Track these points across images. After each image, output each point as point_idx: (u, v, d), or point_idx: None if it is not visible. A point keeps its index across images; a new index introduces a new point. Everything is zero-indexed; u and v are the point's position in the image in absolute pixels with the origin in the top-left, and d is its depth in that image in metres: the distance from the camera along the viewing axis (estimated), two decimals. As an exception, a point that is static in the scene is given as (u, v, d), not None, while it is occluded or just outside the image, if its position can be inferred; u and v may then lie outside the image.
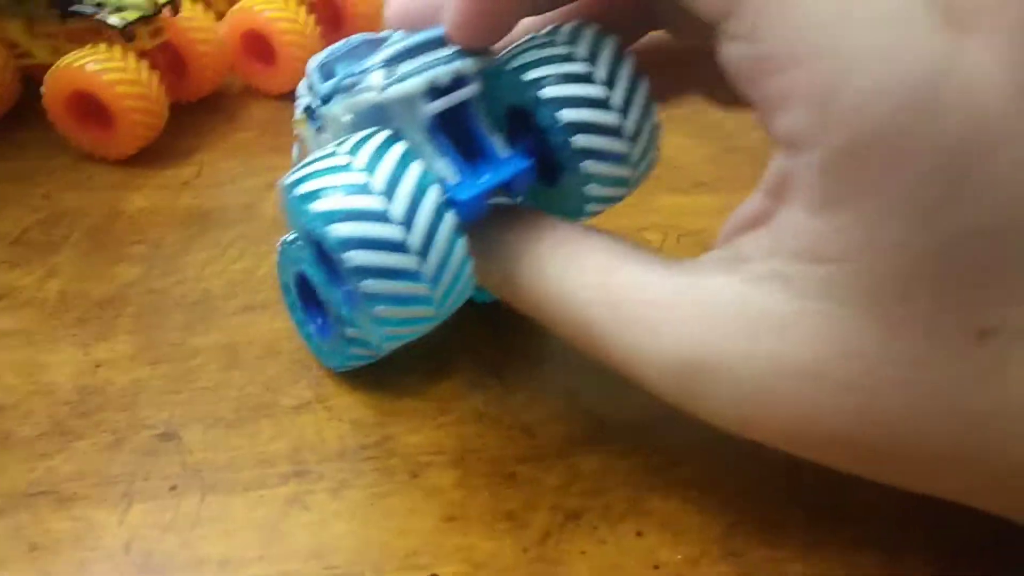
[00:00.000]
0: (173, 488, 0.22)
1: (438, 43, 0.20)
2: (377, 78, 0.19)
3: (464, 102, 0.20)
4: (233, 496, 0.22)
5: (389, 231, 0.18)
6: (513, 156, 0.20)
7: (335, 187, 0.18)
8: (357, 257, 0.18)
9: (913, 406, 0.16)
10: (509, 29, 0.20)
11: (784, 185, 0.17)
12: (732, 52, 0.17)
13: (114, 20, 0.34)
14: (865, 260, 0.16)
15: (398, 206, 0.18)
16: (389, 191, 0.18)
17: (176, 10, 0.37)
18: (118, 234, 0.31)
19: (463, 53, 0.19)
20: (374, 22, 0.44)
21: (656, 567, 0.20)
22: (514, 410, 0.24)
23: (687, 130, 0.37)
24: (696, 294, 0.17)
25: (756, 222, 0.17)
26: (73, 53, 0.34)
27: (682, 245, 0.31)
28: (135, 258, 0.30)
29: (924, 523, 0.21)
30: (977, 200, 0.15)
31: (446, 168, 0.20)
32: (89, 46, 0.34)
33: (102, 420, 0.24)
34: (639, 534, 0.21)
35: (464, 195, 0.19)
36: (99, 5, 0.34)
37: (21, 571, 0.20)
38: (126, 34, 0.34)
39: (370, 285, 0.18)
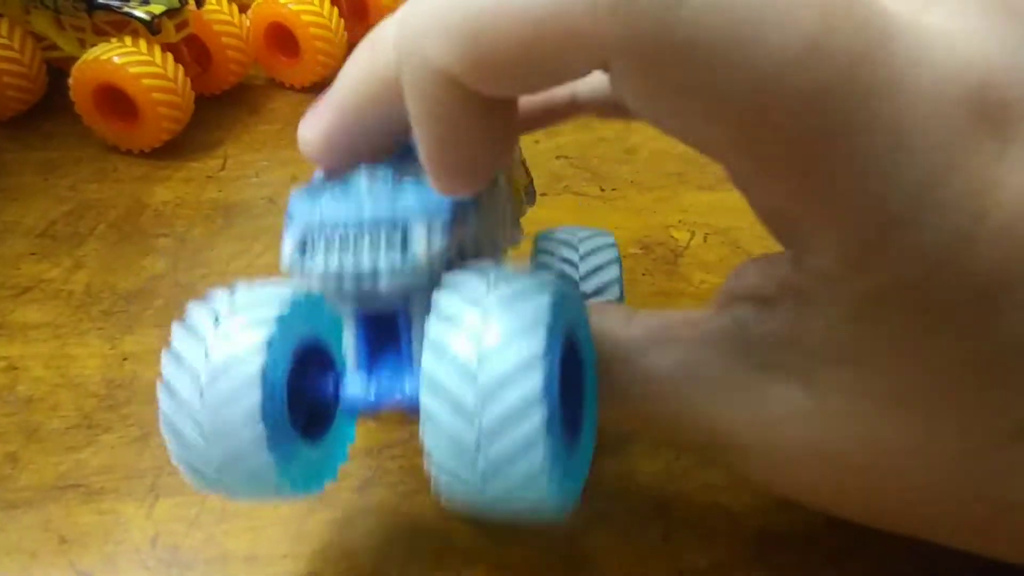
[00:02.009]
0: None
1: (388, 224, 0.16)
2: (287, 248, 0.16)
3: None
4: (259, 492, 0.22)
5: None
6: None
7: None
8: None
9: (943, 494, 0.16)
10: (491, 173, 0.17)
11: (798, 292, 0.16)
12: (769, 210, 0.15)
13: (140, 13, 0.34)
14: (897, 368, 0.15)
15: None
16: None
17: (201, 3, 0.37)
18: (144, 226, 0.31)
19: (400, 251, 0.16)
20: (398, 15, 0.44)
21: (681, 572, 0.20)
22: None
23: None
24: (709, 382, 0.17)
25: (760, 299, 0.16)
26: (100, 46, 0.34)
27: (709, 244, 0.31)
28: (161, 251, 0.30)
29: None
30: (1015, 317, 0.14)
31: (351, 355, 0.17)
32: (115, 39, 0.35)
33: (129, 414, 0.24)
34: (665, 538, 0.21)
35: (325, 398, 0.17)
36: (125, -2, 0.35)
37: (51, 563, 0.20)
38: (152, 27, 0.34)
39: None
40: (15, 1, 0.36)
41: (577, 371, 0.16)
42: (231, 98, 0.40)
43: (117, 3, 0.35)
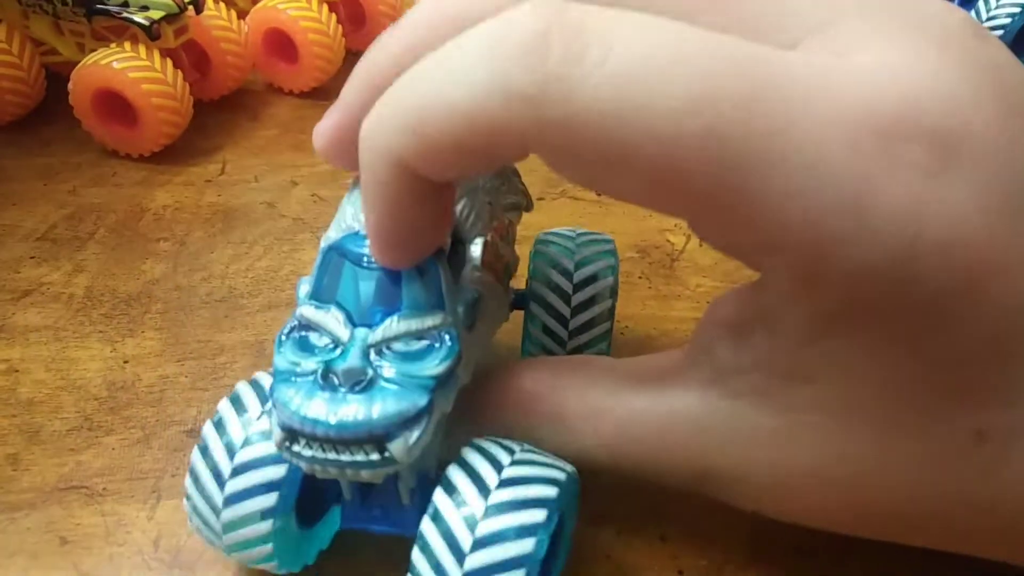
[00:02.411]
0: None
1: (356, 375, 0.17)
2: (276, 435, 0.17)
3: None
4: (260, 494, 0.22)
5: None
6: (412, 512, 0.18)
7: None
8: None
9: (921, 500, 0.17)
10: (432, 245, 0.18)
11: (766, 316, 0.16)
12: (720, 246, 0.17)
13: (139, 19, 0.34)
14: (854, 382, 0.16)
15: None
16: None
17: (200, 9, 0.37)
18: (143, 231, 0.32)
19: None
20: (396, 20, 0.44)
21: (680, 572, 0.20)
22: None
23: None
24: (688, 414, 0.18)
25: (736, 327, 0.17)
26: (99, 51, 0.34)
27: (705, 248, 0.31)
28: (161, 255, 0.30)
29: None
30: (962, 330, 0.15)
31: (346, 489, 0.19)
32: (114, 44, 0.35)
33: (131, 416, 0.24)
34: (663, 538, 0.21)
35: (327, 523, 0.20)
36: (124, 4, 0.35)
37: (53, 564, 0.20)
38: (151, 32, 0.34)
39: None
40: (14, 6, 0.36)
41: (554, 540, 0.18)
42: (230, 103, 0.40)
43: (116, 8, 0.35)
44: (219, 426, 0.18)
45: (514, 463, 0.17)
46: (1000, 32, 0.43)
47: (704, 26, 0.15)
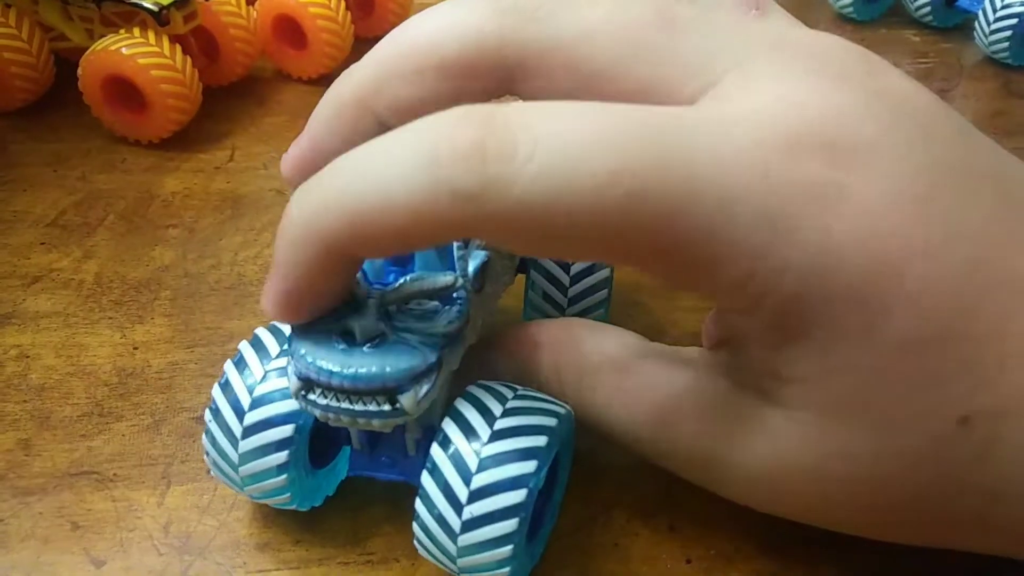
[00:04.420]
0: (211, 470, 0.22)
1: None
2: (293, 383, 0.18)
3: None
4: (270, 480, 0.22)
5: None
6: (418, 461, 0.19)
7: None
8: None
9: (920, 491, 0.17)
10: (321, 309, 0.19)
11: (736, 332, 0.18)
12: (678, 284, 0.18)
13: (149, 4, 0.34)
14: (824, 380, 0.17)
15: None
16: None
17: (210, -6, 0.37)
18: (153, 217, 0.32)
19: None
20: (404, 8, 0.44)
21: (689, 561, 0.20)
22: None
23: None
24: (696, 397, 0.19)
25: (727, 339, 0.19)
26: (108, 37, 0.34)
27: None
28: (170, 241, 0.30)
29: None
30: (902, 317, 0.16)
31: (355, 437, 0.20)
32: (123, 30, 0.35)
33: (141, 402, 0.24)
34: (672, 528, 0.21)
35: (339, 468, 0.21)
36: (134, -11, 0.35)
37: (64, 549, 0.20)
38: (160, 18, 0.34)
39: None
40: (24, -8, 0.36)
41: (552, 475, 0.19)
42: (239, 90, 0.40)
43: (126, -6, 0.35)
44: (240, 364, 0.20)
45: (506, 413, 0.18)
46: (1008, 32, 0.43)
47: (635, 78, 0.17)
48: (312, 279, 0.17)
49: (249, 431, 0.19)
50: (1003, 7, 0.43)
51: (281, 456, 0.19)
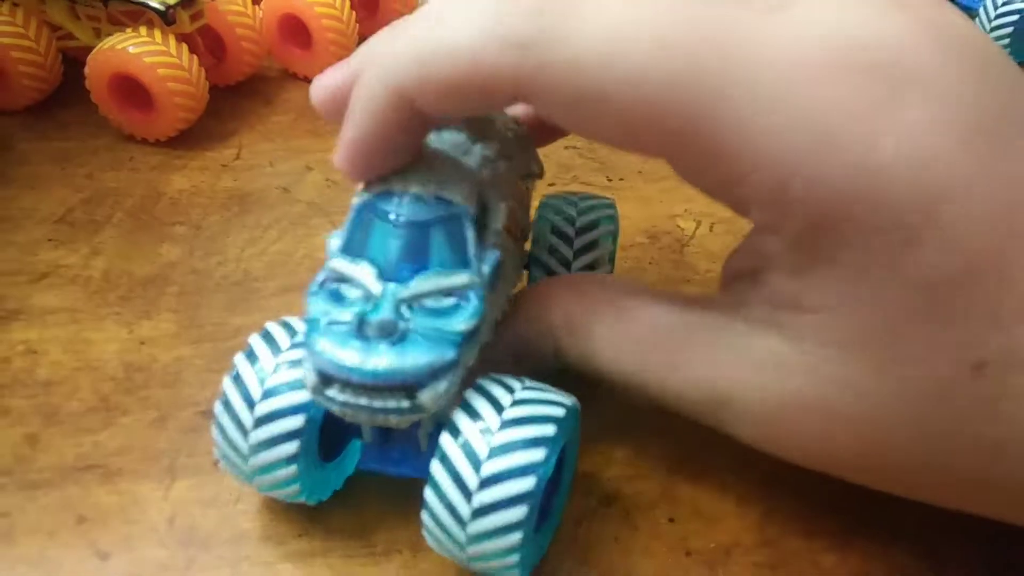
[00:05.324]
0: (216, 464, 0.22)
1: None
2: (309, 379, 0.18)
3: None
4: (274, 474, 0.22)
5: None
6: (429, 456, 0.19)
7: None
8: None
9: (926, 438, 0.17)
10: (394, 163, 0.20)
11: (761, 255, 0.18)
12: (709, 190, 0.18)
13: (155, 4, 0.35)
14: (844, 310, 0.17)
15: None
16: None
17: (216, -7, 0.37)
18: (160, 214, 0.32)
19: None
20: (408, 7, 0.44)
21: (688, 554, 0.21)
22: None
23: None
24: (707, 335, 0.19)
25: (749, 271, 0.19)
26: (115, 36, 0.35)
27: (715, 233, 0.31)
28: (177, 238, 0.31)
29: (961, 512, 0.21)
30: (932, 250, 0.15)
31: (367, 432, 0.20)
32: (130, 29, 0.35)
33: (147, 397, 0.24)
34: (671, 520, 0.21)
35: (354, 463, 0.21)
36: (141, -12, 0.35)
37: (70, 542, 0.21)
38: (167, 17, 0.35)
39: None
40: (32, -9, 0.37)
41: (558, 469, 0.20)
42: (245, 89, 0.40)
43: (132, -7, 0.35)
44: (250, 356, 0.20)
45: (515, 403, 0.18)
46: (1009, 29, 0.43)
47: None
48: (383, 128, 0.18)
49: (260, 422, 0.19)
50: (1004, 4, 0.43)
51: (291, 447, 0.19)
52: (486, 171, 0.20)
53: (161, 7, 0.34)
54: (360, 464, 0.21)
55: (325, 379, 0.18)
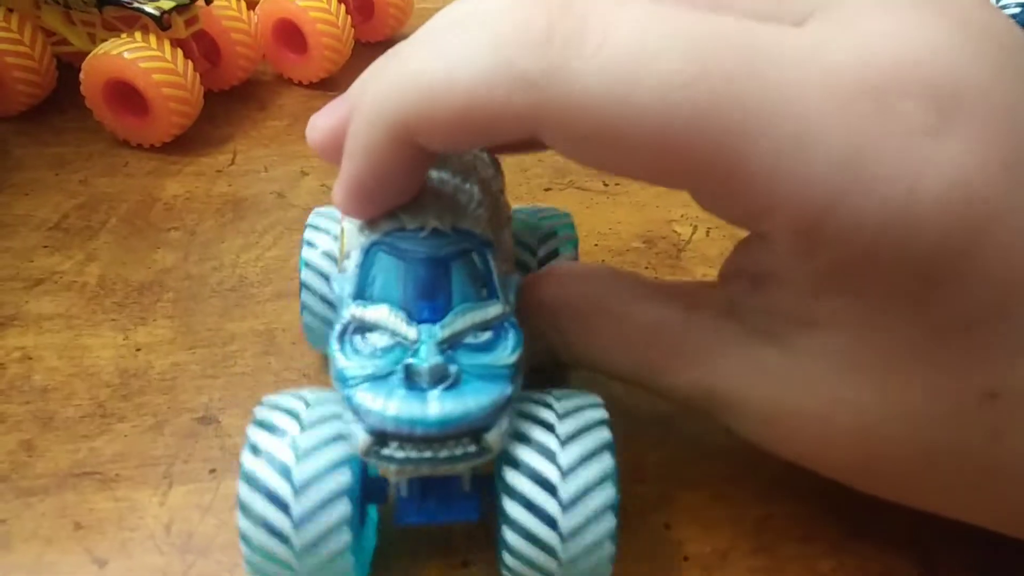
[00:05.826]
0: (213, 471, 0.22)
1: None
2: (362, 440, 0.16)
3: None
4: (271, 480, 0.22)
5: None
6: (471, 497, 0.18)
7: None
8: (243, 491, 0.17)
9: (926, 454, 0.17)
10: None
11: (774, 270, 0.17)
12: (724, 215, 0.17)
13: (150, 9, 0.35)
14: (861, 335, 0.16)
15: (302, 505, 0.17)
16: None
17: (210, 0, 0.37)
18: (155, 220, 0.32)
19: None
20: (404, 12, 0.44)
21: (686, 559, 0.21)
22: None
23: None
24: (703, 336, 0.19)
25: (749, 274, 0.18)
26: (110, 41, 0.34)
27: (712, 238, 0.31)
28: (172, 244, 0.31)
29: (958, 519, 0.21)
30: (965, 287, 0.15)
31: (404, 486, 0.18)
32: (125, 34, 0.35)
33: (143, 403, 0.24)
34: (668, 526, 0.21)
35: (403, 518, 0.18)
36: (136, -7, 0.35)
37: (67, 549, 0.21)
38: (162, 23, 0.35)
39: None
40: (26, -3, 0.37)
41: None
42: (240, 94, 0.40)
43: (127, -1, 0.35)
44: (266, 425, 0.17)
45: (560, 417, 0.18)
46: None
47: (712, 8, 0.16)
48: (381, 165, 0.17)
49: (304, 487, 0.16)
50: (1001, 6, 0.43)
51: (344, 508, 0.17)
52: (488, 195, 0.20)
53: (156, 12, 0.34)
54: (397, 520, 0.18)
55: (380, 437, 0.16)
